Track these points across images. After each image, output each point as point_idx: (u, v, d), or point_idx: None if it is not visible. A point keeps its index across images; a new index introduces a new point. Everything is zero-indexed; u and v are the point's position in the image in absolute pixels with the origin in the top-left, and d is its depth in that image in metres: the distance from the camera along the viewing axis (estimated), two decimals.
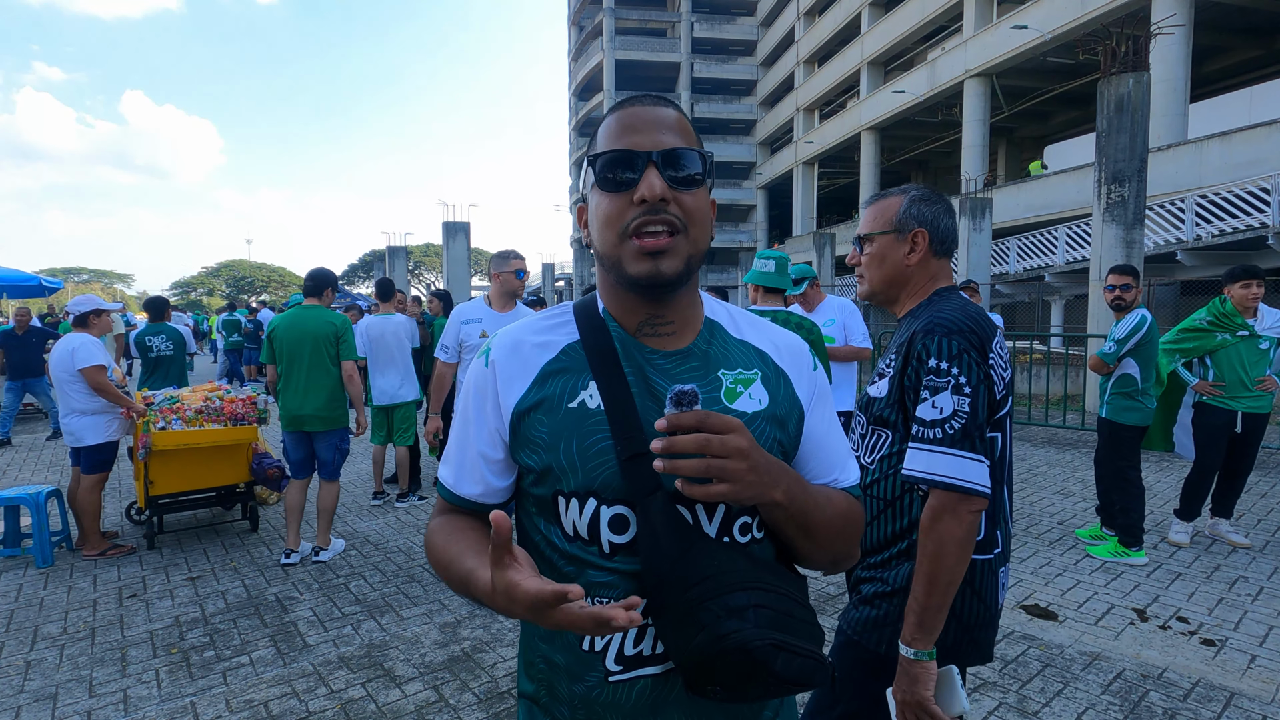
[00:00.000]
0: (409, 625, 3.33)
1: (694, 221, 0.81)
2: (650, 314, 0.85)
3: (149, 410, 4.28)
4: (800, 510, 0.79)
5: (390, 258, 23.81)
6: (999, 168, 28.25)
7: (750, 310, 3.14)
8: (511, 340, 0.89)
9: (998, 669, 2.85)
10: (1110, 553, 4.09)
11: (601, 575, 0.81)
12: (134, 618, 3.46)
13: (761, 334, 0.93)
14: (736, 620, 0.71)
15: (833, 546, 0.87)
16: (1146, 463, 6.37)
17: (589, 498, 0.81)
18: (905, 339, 1.36)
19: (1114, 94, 8.93)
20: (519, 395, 0.85)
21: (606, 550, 0.81)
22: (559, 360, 0.86)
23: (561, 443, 0.82)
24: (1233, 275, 4.17)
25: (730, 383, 0.86)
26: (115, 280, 61.94)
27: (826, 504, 0.85)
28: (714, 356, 0.87)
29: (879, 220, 1.47)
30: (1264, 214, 12.53)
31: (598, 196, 0.82)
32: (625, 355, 0.84)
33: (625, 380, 0.82)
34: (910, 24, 25.76)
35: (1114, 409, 4.08)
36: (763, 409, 0.85)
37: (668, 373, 0.84)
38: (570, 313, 0.91)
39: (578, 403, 0.83)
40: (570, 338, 0.88)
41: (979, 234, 15.40)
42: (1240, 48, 19.74)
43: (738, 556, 0.78)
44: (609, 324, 0.87)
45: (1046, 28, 18.83)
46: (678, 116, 0.84)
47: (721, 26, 40.73)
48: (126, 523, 5.00)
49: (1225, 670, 2.83)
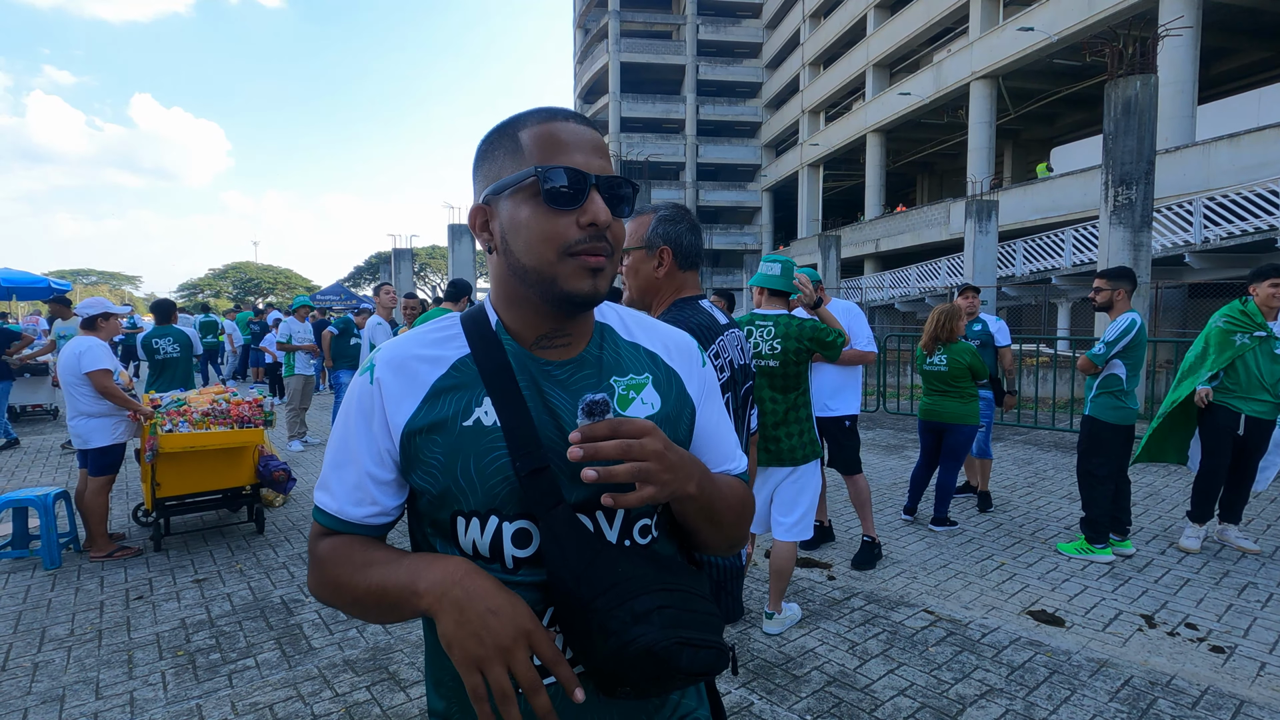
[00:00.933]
0: (414, 628, 3.33)
1: (619, 246, 0.84)
2: (553, 327, 0.85)
3: (156, 413, 4.30)
4: (708, 500, 0.83)
5: (396, 260, 23.88)
6: (1005, 170, 28.15)
7: (755, 314, 3.14)
8: (398, 355, 0.85)
9: (1004, 675, 2.84)
10: (1077, 550, 4.14)
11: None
12: (140, 620, 3.47)
13: (652, 334, 0.94)
14: (643, 625, 0.72)
15: (733, 531, 0.91)
16: (1153, 471, 6.33)
17: (490, 515, 0.80)
18: None
19: (1121, 96, 8.90)
20: (409, 414, 0.82)
21: (510, 565, 0.81)
22: (450, 376, 0.83)
23: (459, 463, 0.80)
24: (1261, 274, 4.10)
25: (623, 389, 0.87)
26: (123, 282, 62.32)
27: (728, 491, 0.89)
28: (606, 363, 0.88)
29: (634, 237, 1.65)
30: (1273, 216, 12.45)
31: (533, 210, 0.79)
32: (519, 369, 0.84)
33: (521, 395, 0.82)
34: (916, 26, 25.71)
35: (1098, 407, 4.15)
36: (655, 412, 0.88)
37: (563, 383, 0.84)
38: (458, 325, 0.88)
39: (473, 420, 0.81)
40: (460, 351, 0.85)
41: (985, 236, 15.34)
42: (1249, 49, 19.63)
43: (640, 560, 0.80)
44: (502, 338, 0.86)
45: (1053, 30, 18.77)
46: (603, 141, 0.87)
47: (727, 29, 40.73)
48: (133, 525, 5.02)
49: (1234, 678, 2.81)
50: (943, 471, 4.64)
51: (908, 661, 2.97)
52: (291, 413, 7.90)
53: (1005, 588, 3.74)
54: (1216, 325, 4.15)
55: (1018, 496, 5.51)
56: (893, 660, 2.98)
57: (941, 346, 4.60)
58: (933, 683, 2.79)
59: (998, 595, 3.64)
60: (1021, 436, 8.00)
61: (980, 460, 5.22)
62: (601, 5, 42.05)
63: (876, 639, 3.17)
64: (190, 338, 5.68)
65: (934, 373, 4.62)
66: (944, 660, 2.97)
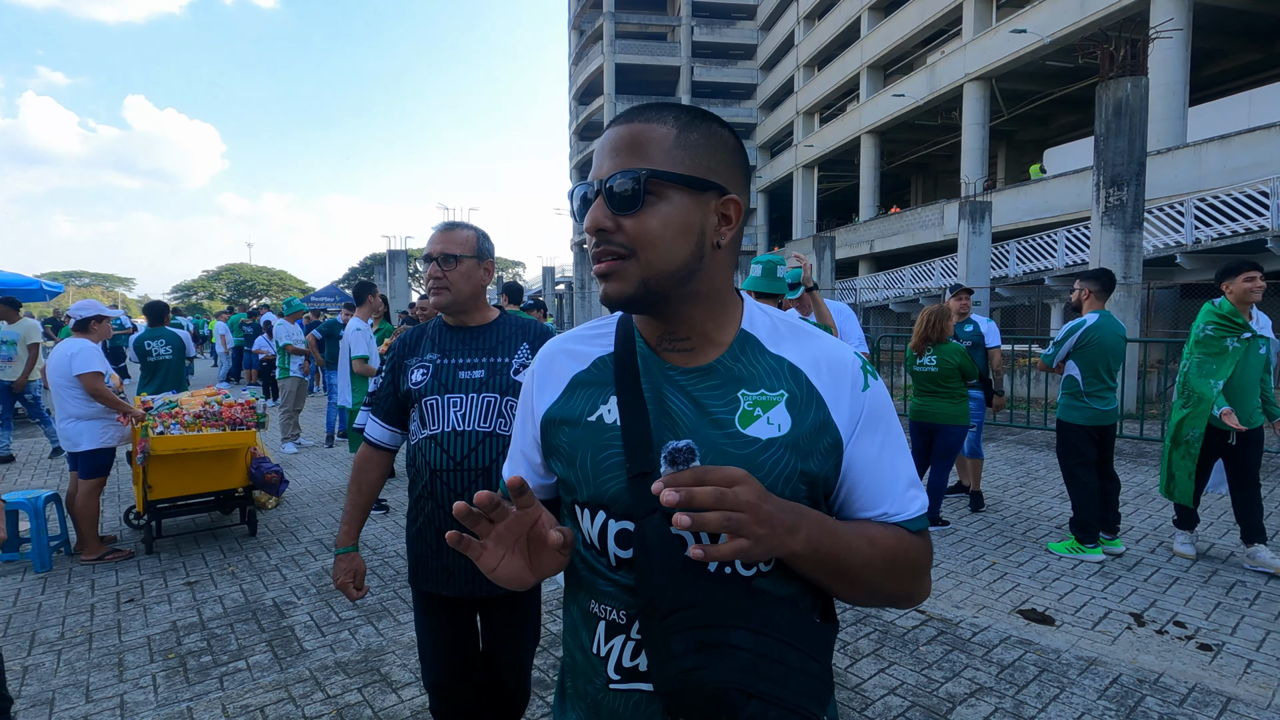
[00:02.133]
0: (406, 630, 3.33)
1: (644, 244, 0.77)
2: (663, 329, 0.85)
3: (147, 415, 4.29)
4: (828, 556, 0.74)
5: (391, 261, 23.83)
6: (999, 171, 28.26)
7: None
8: (552, 349, 0.93)
9: (994, 674, 2.85)
10: (1068, 549, 4.16)
11: (607, 585, 0.83)
12: (131, 623, 3.47)
13: (804, 348, 0.86)
14: (704, 657, 0.69)
15: (879, 588, 0.80)
16: (1144, 471, 6.36)
17: (599, 510, 0.83)
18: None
19: (1112, 98, 8.95)
20: (548, 404, 0.90)
21: (613, 563, 0.83)
22: (588, 372, 0.89)
23: (579, 455, 0.85)
24: (1232, 269, 3.81)
25: (749, 404, 0.81)
26: (117, 284, 62.07)
27: (865, 545, 0.77)
28: (738, 374, 0.83)
29: (466, 247, 1.84)
30: (1263, 217, 12.53)
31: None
32: (645, 370, 0.85)
33: (642, 396, 0.83)
34: (910, 28, 25.81)
35: (1061, 408, 4.27)
36: (781, 435, 0.79)
37: (686, 390, 0.83)
38: (614, 324, 0.92)
39: (596, 417, 0.85)
40: (605, 349, 0.90)
41: (979, 237, 15.40)
42: (1239, 51, 19.76)
43: (732, 589, 0.74)
44: (637, 337, 0.88)
45: (1045, 31, 18.86)
46: (631, 130, 0.80)
47: (721, 31, 40.81)
48: (125, 527, 5.00)
49: (1222, 675, 2.83)
50: (934, 472, 4.66)
51: (898, 660, 2.98)
52: (285, 415, 7.88)
53: (996, 587, 3.76)
54: (1205, 334, 3.86)
55: (1009, 496, 5.54)
56: (883, 659, 3.00)
57: (931, 347, 4.63)
58: (923, 681, 2.81)
59: (989, 594, 3.66)
60: (1014, 436, 8.03)
61: (972, 460, 5.24)
62: (596, 7, 42.09)
63: (868, 638, 3.19)
64: (183, 340, 5.67)
65: (924, 373, 4.64)
66: (935, 659, 2.99)
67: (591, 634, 0.85)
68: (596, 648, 0.84)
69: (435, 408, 1.77)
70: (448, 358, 1.81)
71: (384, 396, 1.89)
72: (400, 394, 1.84)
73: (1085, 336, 4.09)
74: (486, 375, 1.79)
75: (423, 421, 1.79)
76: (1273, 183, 12.31)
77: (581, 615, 0.87)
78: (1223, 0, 16.22)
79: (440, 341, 1.85)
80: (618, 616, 0.82)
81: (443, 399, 1.76)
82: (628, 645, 0.82)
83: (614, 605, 0.82)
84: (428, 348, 1.85)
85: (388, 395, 1.88)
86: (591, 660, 0.85)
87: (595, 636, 0.84)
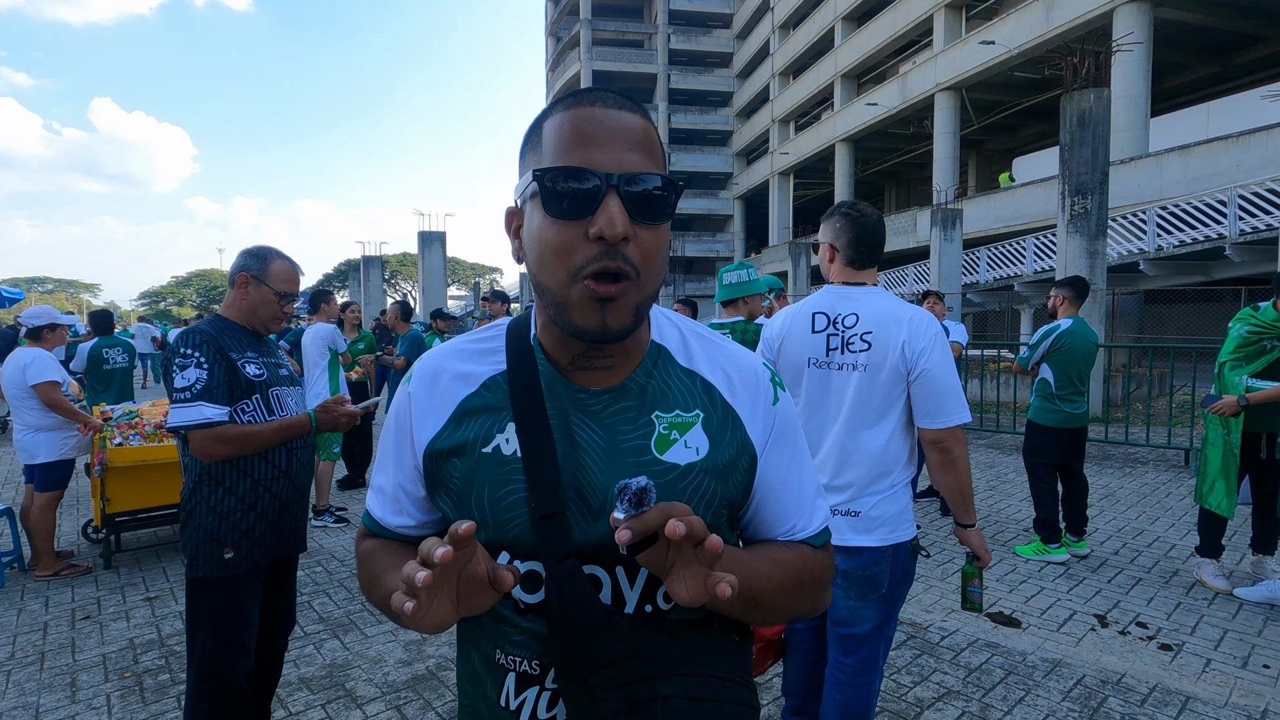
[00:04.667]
0: (373, 643, 3.27)
1: (648, 265, 0.68)
2: (589, 347, 0.74)
3: (106, 426, 4.17)
4: (743, 590, 0.69)
5: (365, 267, 23.58)
6: (970, 179, 28.80)
7: (712, 324, 3.16)
8: (433, 368, 0.81)
9: (962, 678, 2.88)
10: (1034, 552, 4.23)
11: (515, 634, 0.76)
12: (86, 640, 3.36)
13: (715, 360, 0.80)
14: (639, 716, 0.64)
15: (787, 610, 0.77)
16: (1108, 473, 6.49)
17: (500, 551, 0.75)
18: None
19: (1076, 109, 9.17)
20: (432, 434, 0.78)
21: (520, 608, 0.76)
22: (479, 396, 0.78)
23: (474, 492, 0.75)
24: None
25: (664, 428, 0.75)
26: (81, 290, 60.56)
27: (774, 571, 0.74)
28: (651, 394, 0.76)
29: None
30: (1221, 225, 12.91)
31: (540, 218, 0.68)
32: (550, 394, 0.75)
33: (548, 425, 0.73)
34: (882, 38, 26.23)
35: (1033, 410, 4.39)
36: (699, 460, 0.75)
37: (596, 415, 0.75)
38: (502, 336, 0.81)
39: (492, 447, 0.75)
40: (496, 368, 0.79)
41: (950, 244, 15.66)
42: (1198, 64, 20.39)
43: (655, 635, 0.70)
44: (538, 356, 0.77)
45: (1013, 44, 19.29)
46: (644, 126, 0.69)
47: (698, 39, 41.12)
48: (83, 541, 4.85)
49: (1181, 675, 2.89)
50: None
51: None
52: None
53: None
54: (1242, 334, 3.64)
55: (979, 500, 5.61)
56: None
57: None
58: (892, 686, 2.82)
59: (957, 598, 3.69)
60: (984, 440, 8.15)
61: None
62: (574, 14, 42.17)
63: None
64: (135, 348, 5.67)
65: None
66: (904, 664, 3.00)
67: (499, 686, 0.78)
68: (505, 700, 0.77)
69: (281, 397, 2.09)
70: (264, 357, 2.11)
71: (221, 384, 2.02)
72: (244, 385, 2.02)
73: (1059, 340, 4.18)
74: (288, 372, 2.20)
75: (270, 409, 2.05)
76: (1230, 192, 12.70)
77: (485, 665, 0.79)
78: (1182, 15, 16.74)
79: (252, 345, 2.11)
80: (530, 667, 0.75)
81: (284, 389, 2.11)
82: (543, 696, 0.75)
83: (524, 655, 0.75)
84: (246, 347, 2.08)
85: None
86: (499, 713, 0.78)
87: (504, 689, 0.77)
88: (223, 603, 1.97)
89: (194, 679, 1.98)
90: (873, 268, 1.95)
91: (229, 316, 2.12)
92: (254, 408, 2.02)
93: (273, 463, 2.04)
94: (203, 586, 1.97)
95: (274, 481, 2.04)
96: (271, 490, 2.04)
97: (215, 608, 1.97)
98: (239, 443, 1.94)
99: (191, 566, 1.98)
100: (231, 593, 1.98)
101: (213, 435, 1.91)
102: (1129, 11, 16.14)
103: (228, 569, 1.96)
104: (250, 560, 1.99)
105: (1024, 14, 19.31)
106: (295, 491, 2.11)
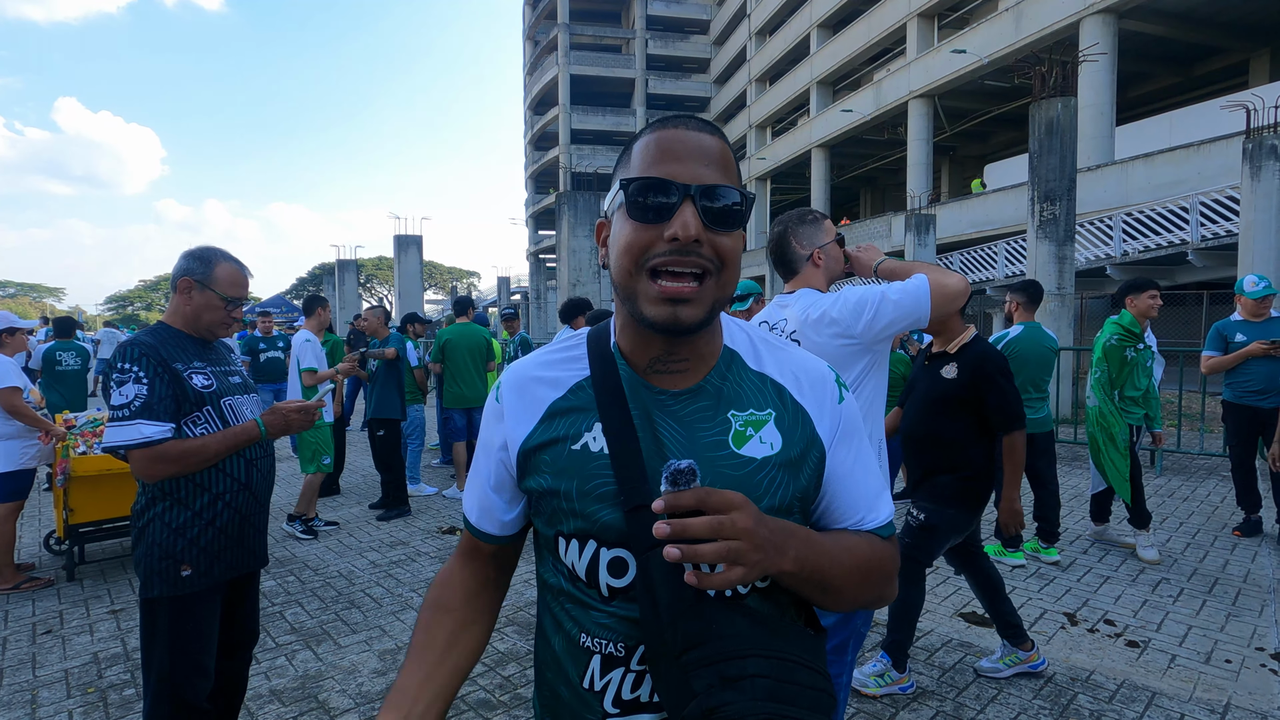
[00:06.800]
0: (347, 654, 3.22)
1: (727, 265, 0.77)
2: (664, 351, 0.81)
3: (69, 434, 4.06)
4: (814, 571, 0.75)
5: (340, 271, 23.29)
6: (943, 185, 29.28)
7: None
8: (521, 376, 0.88)
9: (935, 678, 2.91)
10: (994, 553, 4.29)
11: (602, 618, 0.80)
12: (48, 655, 3.26)
13: (783, 364, 0.87)
14: (731, 691, 0.68)
15: (856, 596, 0.82)
16: (1078, 474, 6.61)
17: (589, 540, 0.80)
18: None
19: (1044, 117, 9.37)
20: (526, 433, 0.84)
21: (605, 594, 0.80)
22: (567, 399, 0.84)
23: (563, 484, 0.81)
24: (1138, 285, 4.21)
25: (740, 425, 0.81)
26: (45, 294, 59.01)
27: (845, 556, 0.80)
28: (726, 394, 0.83)
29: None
30: (1184, 231, 13.28)
31: (624, 222, 0.77)
32: (632, 395, 0.81)
33: (632, 424, 0.79)
34: (857, 46, 26.60)
35: None
36: (774, 454, 0.80)
37: (676, 414, 0.81)
38: (583, 346, 0.88)
39: (581, 445, 0.81)
40: (580, 374, 0.86)
41: (924, 249, 15.90)
42: (1161, 75, 20.99)
43: (738, 618, 0.74)
44: (618, 361, 0.84)
45: (984, 53, 19.68)
46: (721, 147, 0.79)
47: (675, 44, 41.32)
48: (44, 553, 4.72)
49: (1148, 671, 2.95)
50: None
51: None
52: None
53: (939, 591, 3.85)
54: (1110, 343, 4.23)
55: None
56: None
57: None
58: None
59: (932, 599, 3.74)
60: None
61: None
62: (551, 18, 42.13)
63: None
64: (90, 352, 5.64)
65: None
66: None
67: (582, 668, 0.82)
68: (589, 682, 0.81)
69: (235, 407, 2.00)
70: (213, 366, 2.01)
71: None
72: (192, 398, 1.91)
73: (1007, 348, 4.26)
74: (241, 380, 2.10)
75: (224, 420, 1.96)
76: (1192, 199, 13.07)
77: (568, 649, 0.84)
78: (1145, 27, 17.23)
79: (199, 353, 2.00)
80: (615, 649, 0.80)
81: (238, 399, 2.02)
82: (627, 677, 0.79)
83: (610, 638, 0.80)
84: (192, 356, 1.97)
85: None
86: (582, 695, 0.82)
87: (588, 671, 0.81)
88: (180, 622, 1.87)
89: (151, 704, 1.87)
90: (793, 276, 2.07)
91: (172, 324, 1.99)
92: (206, 420, 1.92)
93: (231, 475, 1.96)
94: (158, 606, 1.86)
95: (234, 495, 1.96)
96: (232, 504, 1.96)
97: (172, 628, 1.87)
98: (183, 460, 1.83)
99: (146, 586, 1.87)
100: (189, 612, 1.88)
101: (153, 455, 1.80)
102: (1094, 23, 16.57)
103: (185, 587, 1.87)
104: (210, 577, 1.91)
105: (994, 24, 19.73)
106: (256, 504, 2.03)
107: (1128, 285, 4.25)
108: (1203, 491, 5.84)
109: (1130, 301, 4.18)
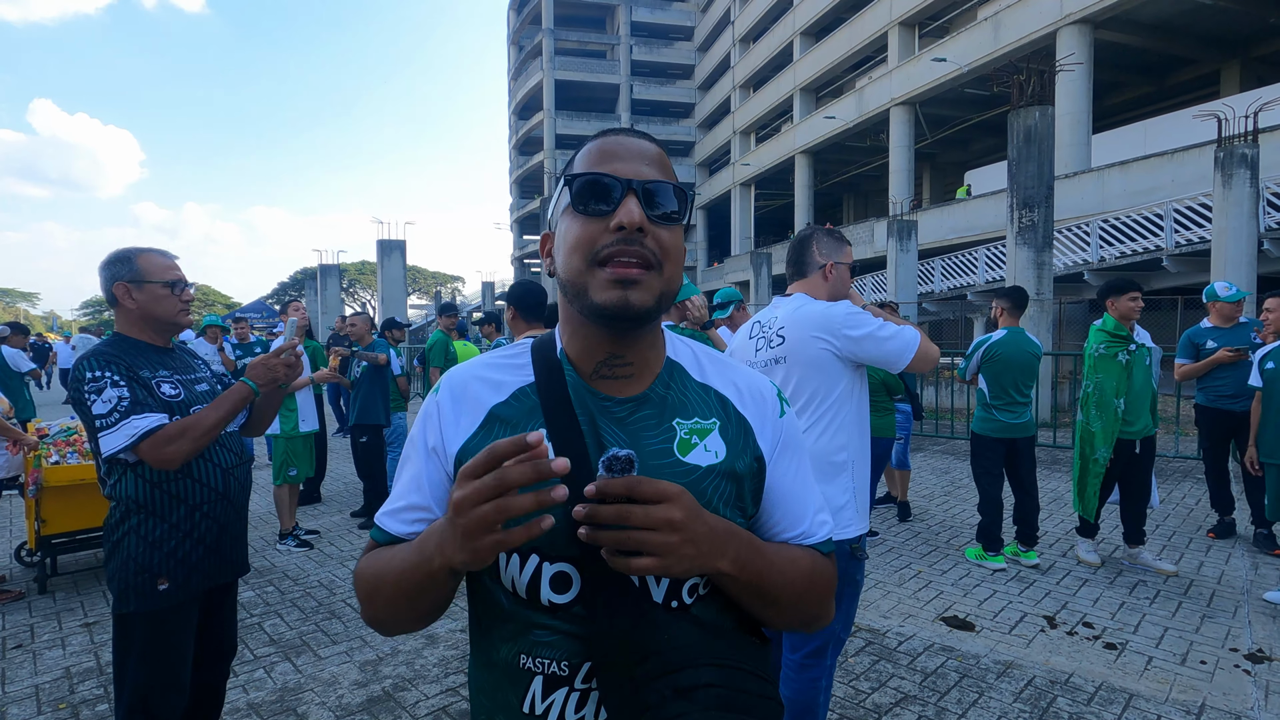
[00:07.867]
0: (327, 665, 3.18)
1: (668, 258, 0.78)
2: (610, 353, 0.81)
3: (41, 443, 3.99)
4: (755, 576, 0.75)
5: (323, 276, 23.07)
6: (925, 191, 29.62)
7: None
8: (463, 377, 0.86)
9: (918, 682, 2.93)
10: (975, 555, 4.36)
11: (545, 635, 0.78)
12: (18, 671, 3.18)
13: (725, 376, 0.88)
14: (684, 702, 0.67)
15: (795, 608, 0.81)
16: (1056, 478, 6.69)
17: (530, 554, 0.77)
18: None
19: (1022, 125, 9.52)
20: (464, 438, 0.81)
21: (547, 608, 0.78)
22: (508, 405, 0.82)
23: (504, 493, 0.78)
24: (1117, 287, 4.09)
25: (685, 433, 0.81)
26: (18, 299, 57.87)
27: (787, 565, 0.80)
28: (671, 403, 0.83)
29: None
30: (1159, 237, 13.53)
31: (570, 221, 0.78)
32: (578, 401, 0.80)
33: (578, 428, 0.78)
34: (839, 53, 26.88)
35: (974, 419, 4.51)
36: (718, 462, 0.81)
37: (621, 420, 0.80)
38: (528, 353, 0.87)
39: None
40: (525, 379, 0.84)
41: (906, 254, 16.06)
42: (1136, 84, 21.41)
43: (688, 627, 0.74)
44: (564, 366, 0.83)
45: (964, 61, 19.96)
46: (659, 152, 0.83)
47: (660, 50, 41.48)
48: (15, 565, 4.61)
49: (1125, 672, 2.99)
50: None
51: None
52: None
53: (921, 595, 3.87)
54: (1098, 352, 4.11)
55: (935, 505, 5.74)
56: None
57: None
58: (851, 693, 2.86)
59: (914, 603, 3.77)
60: (940, 446, 8.36)
61: (900, 471, 5.41)
62: (536, 23, 42.15)
63: None
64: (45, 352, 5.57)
65: None
66: (862, 670, 3.05)
67: (522, 691, 0.79)
68: (530, 706, 0.78)
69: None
70: (179, 374, 1.96)
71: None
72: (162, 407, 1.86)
73: (990, 352, 4.30)
74: (208, 386, 2.02)
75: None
76: (1166, 206, 13.32)
77: (506, 673, 0.80)
78: (1120, 38, 17.57)
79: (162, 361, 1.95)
80: (559, 669, 0.77)
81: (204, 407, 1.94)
82: (571, 697, 0.77)
83: (553, 656, 0.77)
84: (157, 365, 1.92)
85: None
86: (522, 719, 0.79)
87: (529, 693, 0.78)
88: (155, 637, 1.83)
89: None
90: (799, 280, 2.18)
91: (129, 334, 1.94)
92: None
93: (209, 485, 1.92)
94: (133, 621, 1.82)
95: (213, 505, 1.93)
96: (210, 515, 1.92)
97: (147, 643, 1.82)
98: (187, 434, 1.80)
99: (120, 601, 1.82)
100: (165, 626, 1.84)
101: (160, 439, 1.77)
102: (1071, 33, 16.87)
103: (162, 601, 1.83)
104: (187, 589, 1.87)
105: (973, 33, 20.02)
106: (234, 512, 2.00)
107: (1108, 287, 4.14)
108: (1178, 494, 5.94)
109: (1111, 304, 4.10)
